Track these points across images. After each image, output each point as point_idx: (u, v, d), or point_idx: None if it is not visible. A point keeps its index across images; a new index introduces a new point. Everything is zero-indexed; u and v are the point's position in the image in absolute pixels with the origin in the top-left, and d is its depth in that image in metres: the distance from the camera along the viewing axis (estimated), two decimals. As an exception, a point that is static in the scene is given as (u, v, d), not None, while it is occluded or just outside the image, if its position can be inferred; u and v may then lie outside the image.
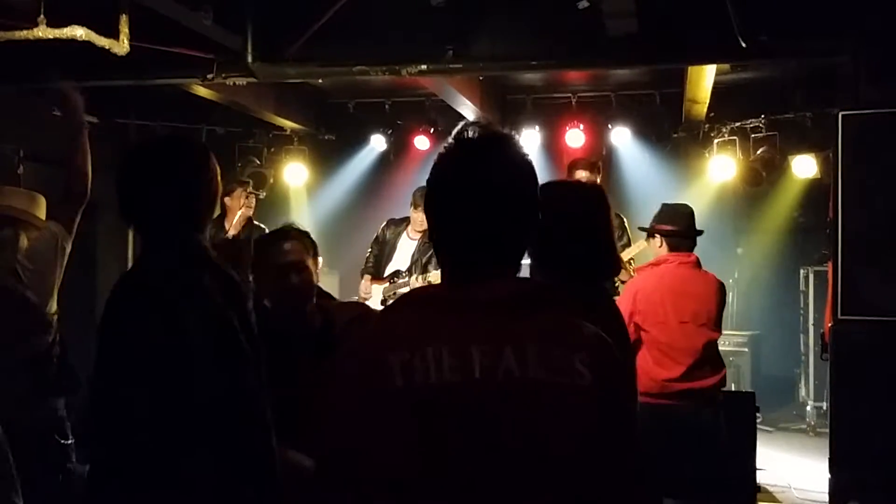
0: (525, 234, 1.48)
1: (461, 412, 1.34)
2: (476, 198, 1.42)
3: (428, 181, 1.49)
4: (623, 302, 3.96)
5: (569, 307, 1.51)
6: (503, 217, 1.43)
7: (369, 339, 1.47)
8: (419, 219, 5.79)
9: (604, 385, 1.39)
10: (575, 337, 1.43)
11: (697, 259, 4.18)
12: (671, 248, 4.14)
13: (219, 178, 2.28)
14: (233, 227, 6.38)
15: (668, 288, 4.02)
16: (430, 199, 1.48)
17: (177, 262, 2.14)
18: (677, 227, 4.15)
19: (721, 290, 4.16)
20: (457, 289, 1.44)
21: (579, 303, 1.57)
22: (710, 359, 4.03)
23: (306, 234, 2.94)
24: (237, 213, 6.42)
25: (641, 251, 5.13)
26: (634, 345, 3.85)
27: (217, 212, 2.89)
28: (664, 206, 4.30)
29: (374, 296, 5.97)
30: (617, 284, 4.86)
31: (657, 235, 4.19)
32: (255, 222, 6.65)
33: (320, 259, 3.08)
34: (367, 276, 6.07)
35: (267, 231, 6.87)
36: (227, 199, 6.32)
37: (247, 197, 6.58)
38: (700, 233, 4.26)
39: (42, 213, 3.69)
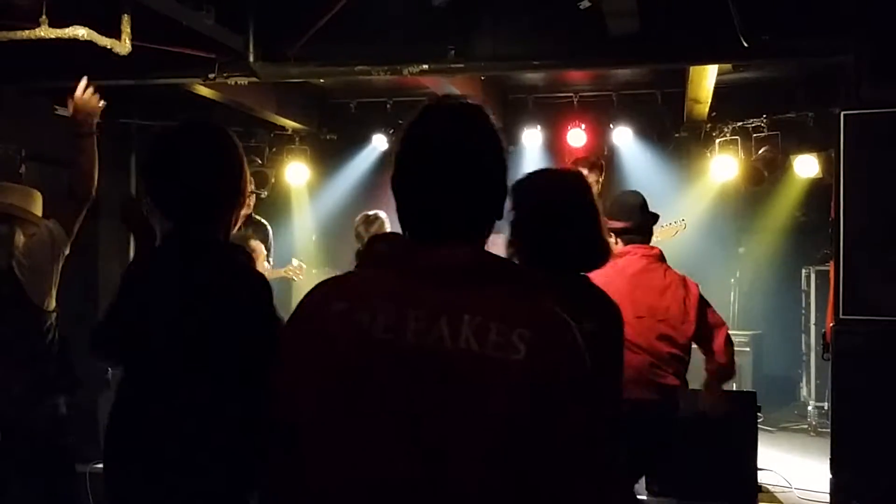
0: (484, 205, 1.48)
1: (385, 372, 1.35)
2: (432, 162, 1.44)
3: (396, 143, 1.52)
4: None
5: (524, 283, 1.48)
6: (458, 183, 1.43)
7: (323, 286, 1.50)
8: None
9: (541, 364, 1.33)
10: (518, 312, 1.38)
11: (660, 252, 3.96)
12: (626, 244, 3.93)
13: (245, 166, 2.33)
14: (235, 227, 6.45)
15: (627, 281, 3.78)
16: (396, 165, 1.49)
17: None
18: (631, 222, 3.93)
19: (682, 285, 3.88)
20: (410, 252, 1.45)
21: (548, 283, 1.54)
22: (669, 357, 3.78)
23: None
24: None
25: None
26: None
27: None
28: (614, 198, 4.13)
29: None
30: None
31: (611, 234, 3.91)
32: (256, 217, 6.69)
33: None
34: None
35: (268, 226, 6.92)
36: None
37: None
38: (655, 219, 4.04)
39: (38, 209, 3.68)
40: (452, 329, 1.35)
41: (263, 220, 6.79)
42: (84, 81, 3.50)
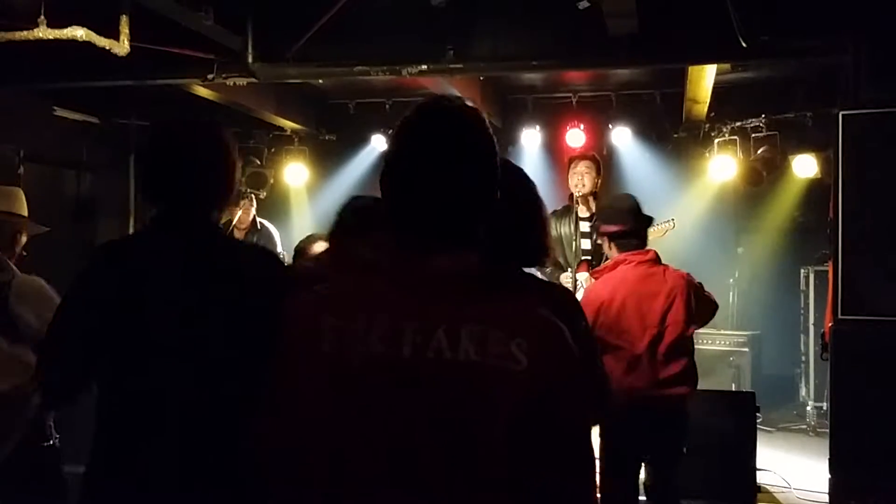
0: (478, 212, 1.43)
1: (384, 387, 1.32)
2: (425, 165, 1.40)
3: (387, 149, 1.49)
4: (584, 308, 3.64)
5: (521, 291, 1.47)
6: (452, 189, 1.39)
7: (309, 299, 1.45)
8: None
9: (542, 373, 1.32)
10: (516, 321, 1.36)
11: (656, 254, 3.88)
12: (621, 249, 3.84)
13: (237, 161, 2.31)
14: (241, 231, 6.69)
15: (629, 291, 3.73)
16: (388, 165, 1.45)
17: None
18: (625, 225, 3.83)
19: (688, 284, 3.82)
20: (401, 260, 1.41)
21: (540, 287, 1.52)
22: (677, 363, 3.74)
23: None
24: (244, 219, 6.77)
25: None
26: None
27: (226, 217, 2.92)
28: (607, 202, 4.06)
29: None
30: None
31: (605, 238, 3.91)
32: (259, 220, 6.73)
33: None
34: None
35: (273, 231, 6.95)
36: (234, 209, 6.55)
37: (250, 202, 6.85)
38: (650, 221, 3.96)
39: (23, 208, 3.62)
40: (451, 340, 1.33)
41: (268, 225, 6.85)
42: None
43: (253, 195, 7.05)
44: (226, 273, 2.09)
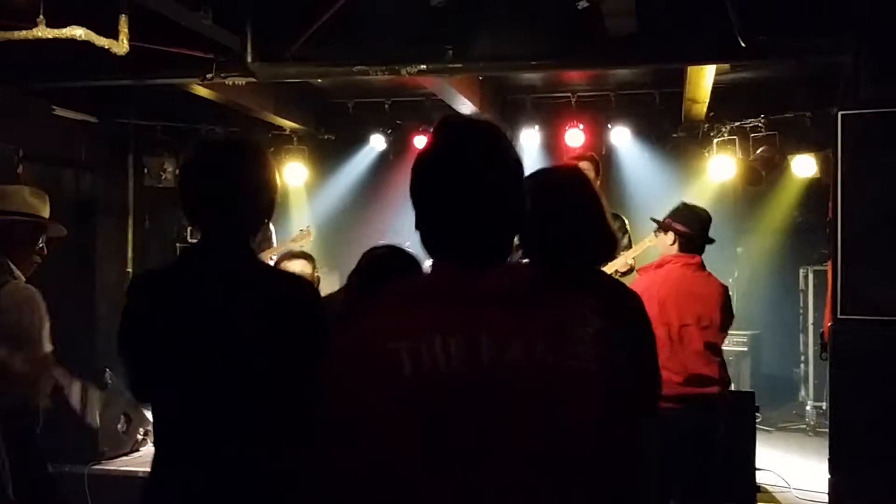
0: (514, 223, 1.48)
1: (471, 402, 1.32)
2: (472, 186, 1.41)
3: (417, 167, 1.47)
4: None
5: (571, 294, 1.49)
6: (497, 206, 1.43)
7: (369, 330, 1.40)
8: None
9: (611, 370, 1.38)
10: (577, 325, 1.41)
11: (702, 261, 4.05)
12: (681, 249, 3.99)
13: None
14: None
15: (673, 288, 3.87)
16: (421, 186, 1.45)
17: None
18: (692, 230, 3.98)
19: (725, 293, 4.02)
20: (455, 279, 1.41)
21: (582, 289, 1.56)
22: (711, 364, 3.88)
23: None
24: None
25: (644, 251, 5.10)
26: None
27: None
28: (685, 205, 4.14)
29: None
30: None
31: (671, 232, 4.03)
32: None
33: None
34: None
35: (270, 224, 6.88)
36: None
37: None
38: (711, 241, 4.09)
39: (10, 203, 3.61)
40: (527, 348, 1.35)
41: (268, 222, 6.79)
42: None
43: None
44: (265, 302, 2.08)
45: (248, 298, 2.07)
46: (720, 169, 7.68)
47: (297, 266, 4.24)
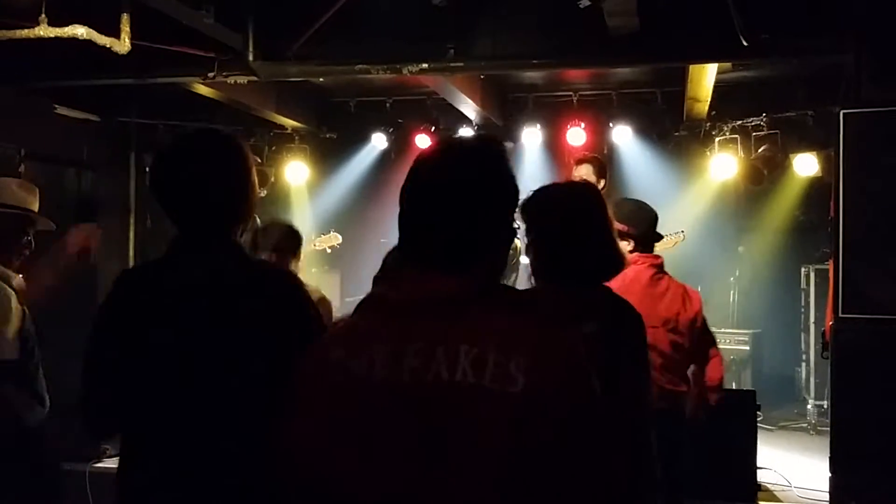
0: (478, 236, 1.45)
1: (389, 413, 1.35)
2: (421, 195, 1.46)
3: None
4: None
5: (522, 308, 1.46)
6: (443, 215, 1.43)
7: (326, 337, 1.53)
8: None
9: (541, 393, 1.30)
10: (515, 341, 1.35)
11: (662, 262, 3.97)
12: (635, 249, 3.87)
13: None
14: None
15: (641, 291, 3.75)
16: (399, 197, 1.51)
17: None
18: (638, 230, 3.87)
19: (685, 294, 3.90)
20: (397, 289, 1.45)
21: (550, 299, 1.56)
22: (676, 368, 3.81)
23: None
24: None
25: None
26: None
27: None
28: (629, 204, 4.02)
29: None
30: None
31: (628, 239, 3.85)
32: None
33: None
34: None
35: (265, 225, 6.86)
36: None
37: None
38: (660, 238, 4.02)
39: (8, 197, 3.59)
40: (449, 362, 1.33)
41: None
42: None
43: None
44: (248, 297, 2.05)
45: (237, 296, 2.05)
46: (722, 168, 7.68)
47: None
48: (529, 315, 1.45)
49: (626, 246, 3.92)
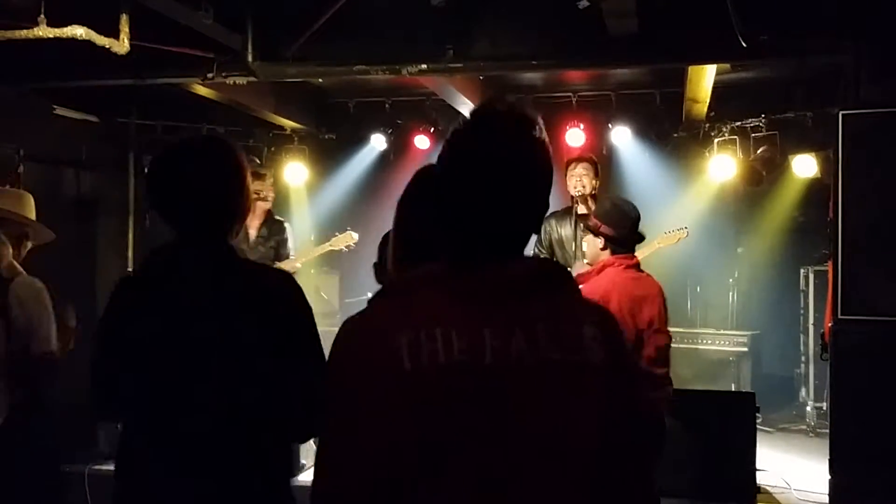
0: (537, 218, 1.46)
1: (471, 395, 1.31)
2: (495, 175, 1.39)
3: (442, 156, 1.44)
4: None
5: (574, 286, 1.51)
6: (519, 197, 1.41)
7: (373, 321, 1.40)
8: None
9: (616, 360, 1.39)
10: (583, 313, 1.43)
11: (639, 261, 3.93)
12: (613, 251, 3.85)
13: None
14: (255, 217, 6.21)
15: (623, 295, 3.71)
16: (445, 175, 1.44)
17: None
18: (621, 232, 3.84)
19: (662, 293, 3.87)
20: (462, 271, 1.40)
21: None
22: (663, 366, 3.74)
23: None
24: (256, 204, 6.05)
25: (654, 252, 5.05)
26: None
27: None
28: (613, 204, 3.97)
29: None
30: None
31: (601, 237, 3.88)
32: (276, 217, 6.55)
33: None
34: None
35: (285, 223, 6.74)
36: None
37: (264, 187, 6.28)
38: (642, 238, 3.97)
39: (31, 212, 3.66)
40: (529, 339, 1.34)
41: (280, 218, 6.66)
42: None
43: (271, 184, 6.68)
44: (243, 298, 2.08)
45: (232, 294, 2.08)
46: (721, 169, 7.67)
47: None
48: (578, 291, 1.51)
49: (597, 243, 3.92)
